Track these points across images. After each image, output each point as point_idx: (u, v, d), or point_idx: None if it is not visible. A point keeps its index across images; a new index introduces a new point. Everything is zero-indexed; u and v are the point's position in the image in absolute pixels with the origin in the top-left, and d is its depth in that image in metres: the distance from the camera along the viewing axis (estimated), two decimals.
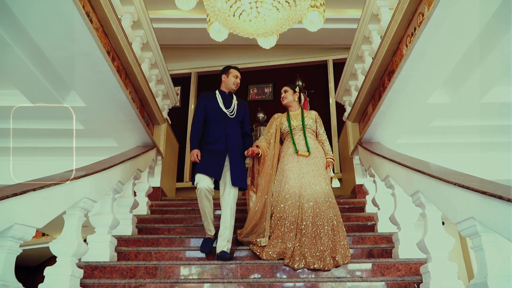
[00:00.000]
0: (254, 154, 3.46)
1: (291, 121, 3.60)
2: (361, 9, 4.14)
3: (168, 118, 5.32)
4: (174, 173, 5.75)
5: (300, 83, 6.65)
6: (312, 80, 7.20)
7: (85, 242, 2.87)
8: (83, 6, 2.66)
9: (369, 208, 4.11)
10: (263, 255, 3.00)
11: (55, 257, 2.55)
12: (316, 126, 3.63)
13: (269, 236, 3.14)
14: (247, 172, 3.55)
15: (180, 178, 6.65)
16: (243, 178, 3.40)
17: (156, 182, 4.81)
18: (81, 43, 2.86)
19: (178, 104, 7.13)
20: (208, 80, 7.53)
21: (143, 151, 4.15)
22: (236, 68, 3.61)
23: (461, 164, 3.64)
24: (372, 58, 3.78)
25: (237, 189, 3.37)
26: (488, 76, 3.29)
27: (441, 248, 2.50)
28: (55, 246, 2.54)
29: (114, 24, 3.18)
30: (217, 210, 3.62)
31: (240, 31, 3.07)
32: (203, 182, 3.20)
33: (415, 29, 2.90)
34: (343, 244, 3.01)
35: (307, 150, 3.43)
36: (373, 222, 3.85)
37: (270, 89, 7.46)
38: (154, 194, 4.72)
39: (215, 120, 3.44)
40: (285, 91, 3.69)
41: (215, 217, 3.41)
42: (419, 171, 2.62)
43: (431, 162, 2.90)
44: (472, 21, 2.65)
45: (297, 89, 3.72)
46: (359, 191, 4.57)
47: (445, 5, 2.50)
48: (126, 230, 3.62)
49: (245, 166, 3.52)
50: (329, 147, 3.59)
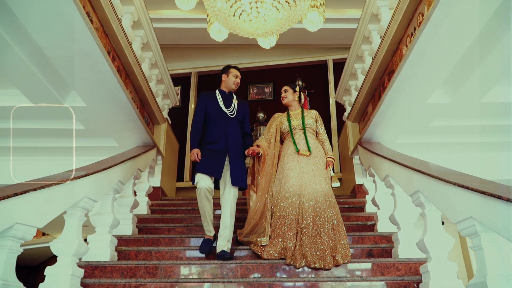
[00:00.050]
0: (255, 154, 3.46)
1: (291, 121, 3.60)
2: (361, 9, 4.15)
3: (168, 118, 5.32)
4: (174, 173, 5.75)
5: (300, 83, 6.63)
6: (312, 80, 7.20)
7: (86, 242, 2.88)
8: (84, 6, 2.66)
9: (369, 208, 4.12)
10: (264, 255, 3.00)
11: (56, 257, 2.56)
12: (317, 126, 3.63)
13: (270, 236, 3.15)
14: (247, 172, 3.56)
15: (180, 178, 6.65)
16: (243, 178, 3.40)
17: (156, 182, 4.81)
18: (82, 43, 2.86)
19: (178, 104, 7.14)
20: (208, 80, 7.53)
21: (143, 151, 4.15)
22: (236, 68, 3.61)
23: (461, 164, 3.64)
24: (372, 58, 3.78)
25: (237, 189, 3.37)
26: (488, 76, 3.29)
27: (441, 248, 2.50)
28: (56, 246, 2.55)
29: (115, 24, 3.19)
30: (217, 210, 3.62)
31: (240, 31, 3.08)
32: (203, 182, 3.21)
33: (415, 29, 2.90)
34: (343, 244, 3.01)
35: (308, 150, 3.43)
36: (373, 222, 3.85)
37: (270, 89, 7.45)
38: (154, 194, 4.72)
39: (215, 120, 3.45)
40: (285, 91, 3.69)
41: (215, 217, 3.41)
42: (419, 171, 2.62)
43: (431, 162, 2.90)
44: (472, 21, 2.65)
45: (297, 89, 3.72)
46: (359, 191, 4.58)
47: (445, 5, 2.50)
48: (127, 230, 3.63)
49: (245, 166, 3.52)
50: (329, 147, 3.59)
